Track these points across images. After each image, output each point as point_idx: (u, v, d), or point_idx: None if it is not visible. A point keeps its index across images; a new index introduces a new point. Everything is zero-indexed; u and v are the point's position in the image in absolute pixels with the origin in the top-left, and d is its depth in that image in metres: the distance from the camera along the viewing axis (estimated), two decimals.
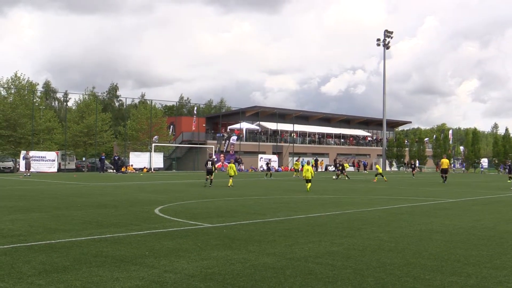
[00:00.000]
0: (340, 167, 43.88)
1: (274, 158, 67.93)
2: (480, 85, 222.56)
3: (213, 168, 29.71)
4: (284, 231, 11.60)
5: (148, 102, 70.24)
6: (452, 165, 79.55)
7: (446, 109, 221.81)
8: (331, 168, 70.13)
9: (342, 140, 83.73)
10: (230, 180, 29.39)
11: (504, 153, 73.58)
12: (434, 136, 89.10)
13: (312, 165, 46.33)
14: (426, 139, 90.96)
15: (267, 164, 49.00)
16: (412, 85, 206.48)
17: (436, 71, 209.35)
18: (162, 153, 61.02)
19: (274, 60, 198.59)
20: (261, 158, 66.38)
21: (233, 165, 30.23)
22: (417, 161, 77.19)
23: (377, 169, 40.87)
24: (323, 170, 70.81)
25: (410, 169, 53.97)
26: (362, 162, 72.55)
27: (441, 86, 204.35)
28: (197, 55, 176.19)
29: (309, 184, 26.20)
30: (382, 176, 40.32)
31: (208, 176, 29.34)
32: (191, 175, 47.00)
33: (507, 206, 18.82)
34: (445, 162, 38.51)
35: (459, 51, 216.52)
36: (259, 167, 65.84)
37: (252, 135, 72.34)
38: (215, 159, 33.31)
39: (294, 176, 41.53)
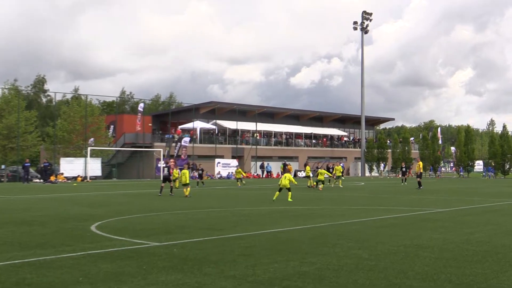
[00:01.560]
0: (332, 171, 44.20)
1: (234, 162, 67.95)
2: (475, 75, 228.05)
3: (169, 174, 30.40)
4: (245, 249, 11.56)
5: (83, 97, 69.35)
6: (441, 168, 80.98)
7: (436, 104, 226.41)
8: (301, 174, 70.56)
9: (314, 141, 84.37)
10: (188, 189, 29.30)
11: (502, 154, 74.69)
12: (421, 135, 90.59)
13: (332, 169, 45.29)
14: (411, 138, 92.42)
15: (200, 170, 46.12)
16: (396, 76, 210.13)
17: (425, 59, 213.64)
18: (100, 159, 60.28)
19: (236, 47, 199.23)
20: (218, 163, 66.37)
21: (186, 171, 30.13)
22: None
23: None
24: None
25: (399, 174, 54.77)
26: (341, 166, 73.21)
27: (430, 77, 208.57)
28: (143, 42, 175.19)
29: (290, 193, 26.48)
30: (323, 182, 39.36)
31: (163, 184, 29.40)
32: (135, 184, 46.53)
33: (505, 215, 19.24)
34: (419, 165, 40.01)
35: (451, 36, 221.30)
36: (216, 173, 65.73)
37: (207, 136, 72.16)
38: (173, 164, 33.42)
39: (309, 185, 41.36)
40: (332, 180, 44.61)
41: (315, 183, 39.31)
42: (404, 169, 52.13)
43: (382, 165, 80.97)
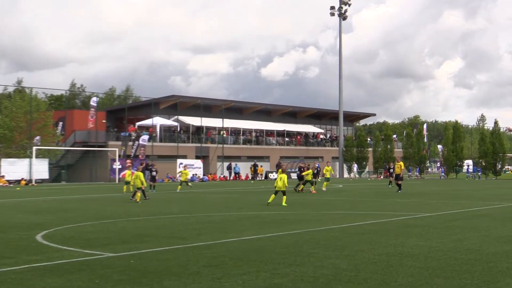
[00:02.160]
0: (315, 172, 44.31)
1: (198, 163, 67.80)
2: (465, 66, 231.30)
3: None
4: (211, 259, 11.56)
5: (28, 90, 68.47)
6: (442, 168, 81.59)
7: (421, 97, 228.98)
8: (273, 176, 70.68)
9: (286, 139, 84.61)
10: (138, 194, 29.13)
11: (493, 153, 75.29)
12: (405, 132, 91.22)
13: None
14: (394, 136, 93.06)
15: (154, 172, 45.03)
16: (378, 67, 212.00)
17: (409, 48, 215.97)
18: (47, 160, 59.62)
19: (200, 35, 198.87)
20: (181, 163, 66.09)
21: (140, 173, 29.89)
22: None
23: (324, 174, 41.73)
24: (263, 178, 71.29)
25: (382, 176, 54.81)
26: (316, 167, 73.40)
27: (416, 68, 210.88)
28: (97, 28, 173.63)
29: (284, 197, 26.46)
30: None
31: (144, 187, 30.18)
32: (87, 188, 46.14)
33: (496, 220, 19.50)
34: (400, 166, 39.53)
35: (439, 23, 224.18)
36: (178, 175, 65.44)
37: (168, 134, 71.86)
38: (130, 165, 33.68)
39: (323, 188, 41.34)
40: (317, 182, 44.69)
41: (302, 187, 39.44)
42: (392, 170, 51.93)
43: (355, 166, 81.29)
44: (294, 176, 69.66)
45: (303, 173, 39.03)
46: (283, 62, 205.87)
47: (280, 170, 30.94)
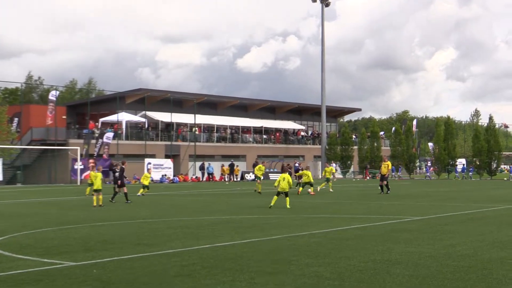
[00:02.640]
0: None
1: (168, 163, 67.61)
2: (458, 57, 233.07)
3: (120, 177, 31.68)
4: (183, 268, 11.53)
5: None
6: (427, 168, 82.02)
7: (411, 91, 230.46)
8: (250, 177, 70.70)
9: (264, 137, 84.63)
10: (95, 198, 28.71)
11: (488, 151, 75.53)
12: (393, 128, 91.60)
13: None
14: (381, 133, 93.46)
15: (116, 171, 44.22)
16: (364, 58, 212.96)
17: (398, 37, 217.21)
18: (1, 160, 59.13)
19: (171, 22, 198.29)
20: (149, 163, 65.91)
21: (99, 174, 29.56)
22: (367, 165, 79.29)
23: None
24: (239, 179, 71.30)
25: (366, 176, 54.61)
26: (294, 167, 73.49)
27: (405, 59, 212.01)
28: (56, 16, 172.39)
29: (287, 199, 26.51)
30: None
31: (118, 189, 31.03)
32: (46, 191, 45.79)
33: (491, 224, 19.64)
34: (387, 166, 39.39)
35: (430, 10, 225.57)
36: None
37: (135, 131, 71.56)
38: (93, 166, 33.84)
39: (321, 188, 41.16)
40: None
41: (301, 189, 39.58)
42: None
43: (333, 164, 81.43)
44: (273, 177, 69.91)
45: (297, 173, 39.25)
46: (261, 53, 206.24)
47: (282, 169, 30.84)
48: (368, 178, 75.41)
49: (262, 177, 42.67)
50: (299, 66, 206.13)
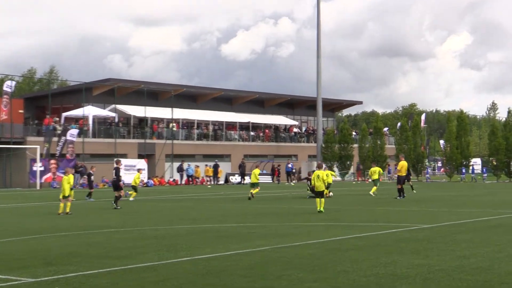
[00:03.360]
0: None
1: (142, 163, 67.36)
2: (474, 42, 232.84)
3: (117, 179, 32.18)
4: (156, 284, 11.50)
5: None
6: (427, 168, 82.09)
7: (420, 81, 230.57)
8: (235, 179, 70.60)
9: (252, 134, 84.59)
10: (62, 205, 28.53)
11: (506, 150, 75.23)
12: (399, 124, 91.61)
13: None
14: (385, 129, 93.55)
15: (84, 172, 43.87)
16: (366, 43, 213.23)
17: (406, 20, 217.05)
18: None
19: (146, 3, 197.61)
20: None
21: (69, 176, 29.38)
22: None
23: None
24: (223, 182, 71.28)
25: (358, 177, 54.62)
26: (289, 168, 73.39)
27: (413, 44, 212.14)
28: None
29: (322, 200, 26.86)
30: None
31: (117, 193, 31.69)
32: (1, 196, 45.61)
33: (508, 233, 19.67)
34: (404, 165, 39.37)
35: None
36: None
37: (104, 128, 71.35)
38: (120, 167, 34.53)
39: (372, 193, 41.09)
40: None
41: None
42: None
43: (324, 166, 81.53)
44: (261, 180, 69.89)
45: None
46: (249, 38, 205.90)
47: (317, 166, 30.75)
48: (360, 180, 75.94)
49: (258, 184, 42.15)
50: (292, 53, 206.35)
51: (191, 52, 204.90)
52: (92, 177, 42.35)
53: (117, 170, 33.41)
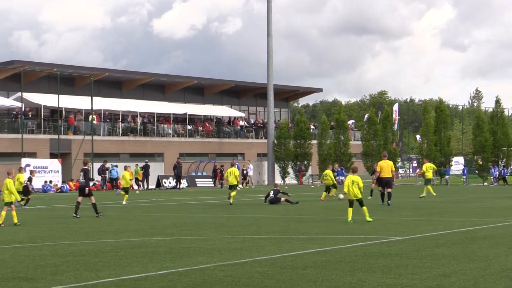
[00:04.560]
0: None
1: (55, 163, 66.91)
2: (457, 17, 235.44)
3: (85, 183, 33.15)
4: None
5: None
6: (399, 169, 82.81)
7: (392, 64, 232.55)
8: (169, 183, 70.64)
9: (189, 127, 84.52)
10: (3, 213, 28.58)
11: (494, 146, 75.62)
12: (366, 116, 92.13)
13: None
14: (350, 122, 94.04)
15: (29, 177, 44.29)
16: (328, 19, 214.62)
17: None
18: None
19: None
20: (28, 165, 65.23)
21: (21, 175, 29.49)
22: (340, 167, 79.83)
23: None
24: (154, 187, 71.25)
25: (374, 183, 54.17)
26: (248, 169, 73.42)
27: (385, 20, 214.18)
28: None
29: (364, 209, 27.32)
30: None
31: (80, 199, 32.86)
32: None
33: (498, 245, 19.97)
34: (388, 166, 38.91)
35: None
36: (24, 180, 64.51)
37: (7, 120, 70.81)
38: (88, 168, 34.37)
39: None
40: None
41: (324, 194, 40.92)
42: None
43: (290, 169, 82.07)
44: (201, 183, 69.75)
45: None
46: (187, 11, 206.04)
47: (351, 170, 30.71)
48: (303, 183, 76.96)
49: (238, 186, 42.51)
50: (239, 29, 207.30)
51: (116, 29, 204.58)
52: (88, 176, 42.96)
53: (86, 172, 33.31)
